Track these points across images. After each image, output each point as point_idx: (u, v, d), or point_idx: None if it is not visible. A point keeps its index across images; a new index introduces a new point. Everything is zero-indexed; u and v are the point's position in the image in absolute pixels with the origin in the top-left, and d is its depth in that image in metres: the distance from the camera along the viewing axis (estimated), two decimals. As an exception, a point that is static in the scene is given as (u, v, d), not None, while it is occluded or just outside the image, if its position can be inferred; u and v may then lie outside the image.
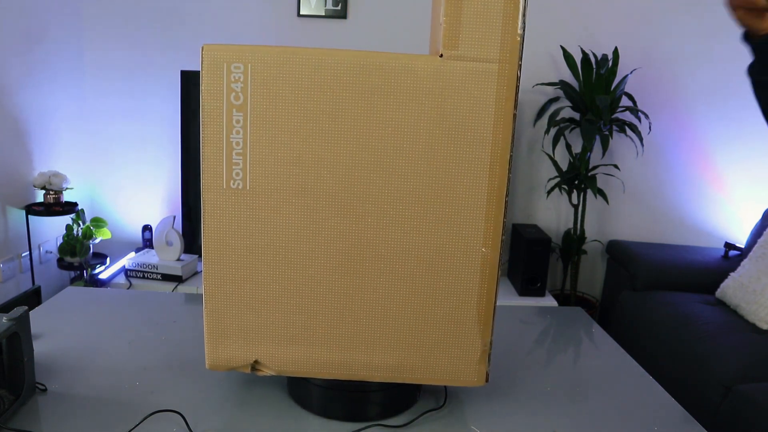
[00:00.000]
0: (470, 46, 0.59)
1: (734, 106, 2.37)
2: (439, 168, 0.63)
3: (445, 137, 0.62)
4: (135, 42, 2.27)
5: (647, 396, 0.80)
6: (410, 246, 0.65)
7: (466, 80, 0.60)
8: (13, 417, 0.67)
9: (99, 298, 1.03)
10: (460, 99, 0.60)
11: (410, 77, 0.60)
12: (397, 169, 0.63)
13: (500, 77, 0.60)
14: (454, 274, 0.66)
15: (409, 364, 0.69)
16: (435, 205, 0.64)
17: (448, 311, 0.67)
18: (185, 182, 2.20)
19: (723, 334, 1.70)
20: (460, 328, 0.67)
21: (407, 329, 0.67)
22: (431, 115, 0.61)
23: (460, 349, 0.68)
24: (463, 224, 0.64)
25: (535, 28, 2.28)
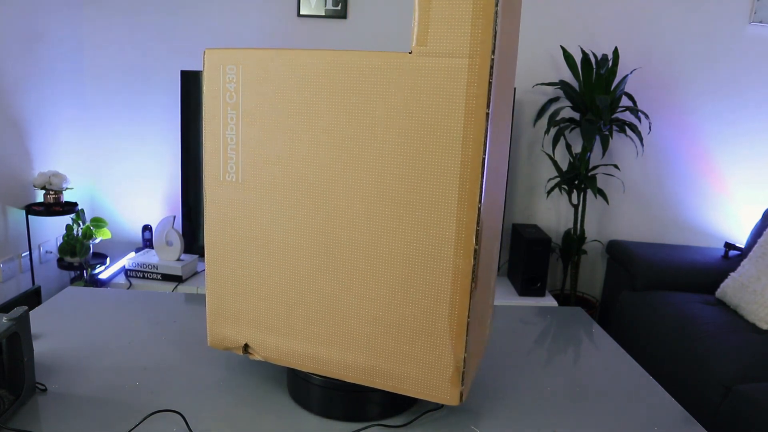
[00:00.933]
0: (439, 41, 0.57)
1: (734, 106, 2.37)
2: (410, 168, 0.61)
3: (416, 136, 0.60)
4: (135, 42, 2.27)
5: (647, 396, 0.80)
6: (384, 247, 0.63)
7: (435, 76, 0.58)
8: (13, 417, 0.67)
9: (99, 298, 1.03)
10: (429, 96, 0.58)
11: (380, 75, 0.60)
12: (371, 168, 0.62)
13: (471, 73, 0.56)
14: (424, 281, 0.63)
15: (382, 369, 0.67)
16: (407, 207, 0.62)
17: (420, 320, 0.64)
18: (185, 182, 2.20)
19: (723, 334, 1.70)
20: (431, 340, 0.64)
21: (380, 332, 0.65)
22: (401, 113, 0.60)
23: (432, 362, 0.64)
24: (434, 228, 0.61)
25: (535, 28, 2.28)
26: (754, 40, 2.31)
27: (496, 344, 0.94)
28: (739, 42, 2.31)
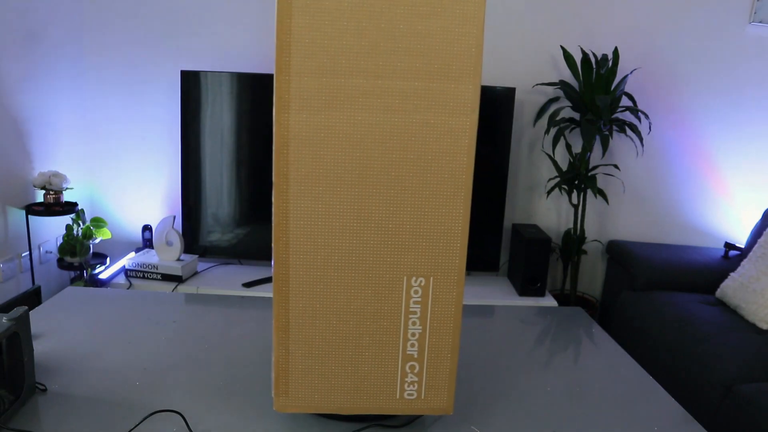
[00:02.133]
0: None
1: (734, 105, 2.37)
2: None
3: None
4: (135, 42, 2.27)
5: (647, 396, 0.80)
6: None
7: None
8: (13, 417, 0.67)
9: (99, 298, 1.03)
10: None
11: None
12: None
13: None
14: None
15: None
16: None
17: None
18: (185, 182, 2.20)
19: (723, 334, 1.70)
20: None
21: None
22: None
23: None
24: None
25: (535, 28, 2.28)
26: (754, 40, 2.31)
27: (496, 344, 0.94)
28: (739, 42, 2.31)
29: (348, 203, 0.59)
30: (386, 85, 0.56)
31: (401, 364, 0.63)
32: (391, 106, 0.57)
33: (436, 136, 0.56)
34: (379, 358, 0.63)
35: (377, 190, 0.58)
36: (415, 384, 0.63)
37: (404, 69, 0.56)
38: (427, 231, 0.59)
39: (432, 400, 0.64)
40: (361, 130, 0.57)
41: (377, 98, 0.57)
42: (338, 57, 0.56)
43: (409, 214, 0.58)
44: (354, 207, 0.59)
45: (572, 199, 2.42)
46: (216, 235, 2.23)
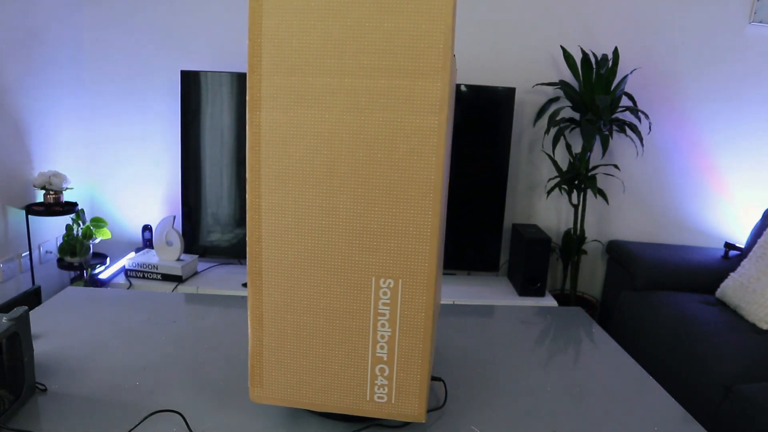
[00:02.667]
0: None
1: (734, 105, 2.37)
2: None
3: None
4: (135, 42, 2.27)
5: (647, 396, 0.80)
6: None
7: None
8: (13, 417, 0.67)
9: (99, 298, 1.03)
10: None
11: None
12: None
13: None
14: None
15: None
16: None
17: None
18: (185, 182, 2.20)
19: (723, 334, 1.70)
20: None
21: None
22: None
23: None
24: None
25: (535, 28, 2.28)
26: (754, 40, 2.31)
27: (496, 344, 0.94)
28: (739, 42, 2.31)
29: (317, 201, 0.59)
30: (353, 83, 0.56)
31: (371, 366, 0.62)
32: (358, 105, 0.56)
33: (403, 135, 0.55)
34: (350, 357, 0.62)
35: (346, 188, 0.58)
36: (385, 387, 0.62)
37: (371, 67, 0.56)
38: (396, 232, 0.57)
39: (402, 406, 0.62)
40: (329, 129, 0.57)
41: (345, 97, 0.56)
42: (306, 56, 0.57)
43: (378, 214, 0.58)
44: (323, 205, 0.59)
45: (572, 199, 2.42)
46: (216, 235, 2.23)
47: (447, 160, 0.67)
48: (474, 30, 2.28)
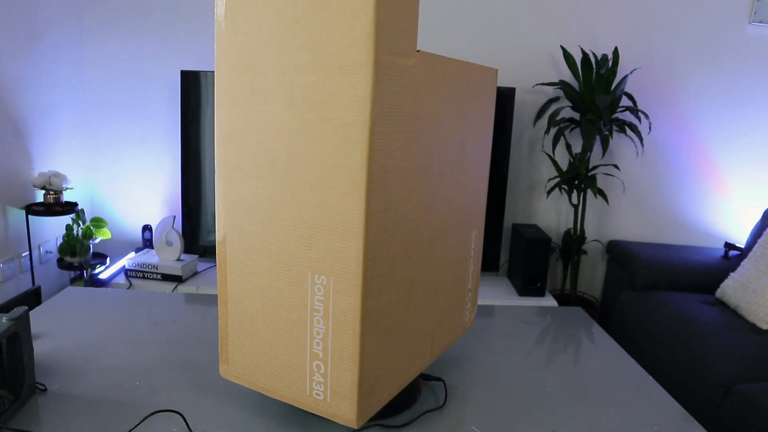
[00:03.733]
0: None
1: (734, 105, 2.37)
2: None
3: None
4: (135, 42, 2.27)
5: (647, 396, 0.80)
6: None
7: None
8: (13, 417, 0.67)
9: (99, 298, 1.03)
10: None
11: None
12: None
13: None
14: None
15: None
16: None
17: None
18: (185, 182, 2.20)
19: (723, 334, 1.70)
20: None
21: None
22: None
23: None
24: None
25: (535, 28, 2.28)
26: (754, 40, 2.31)
27: (496, 344, 0.94)
28: (739, 42, 2.31)
29: (264, 193, 0.61)
30: (291, 80, 0.58)
31: (309, 361, 0.62)
32: (295, 101, 0.58)
33: (333, 131, 0.56)
34: (292, 349, 0.63)
35: (286, 182, 0.59)
36: (322, 385, 0.62)
37: (305, 64, 0.57)
38: (328, 229, 0.58)
39: (337, 407, 0.61)
40: (272, 125, 0.59)
41: (285, 94, 0.58)
42: (256, 55, 0.59)
43: (311, 210, 0.58)
44: (269, 197, 0.61)
45: (572, 199, 2.42)
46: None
47: (433, 157, 0.66)
48: (474, 30, 2.28)
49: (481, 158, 0.80)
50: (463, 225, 0.78)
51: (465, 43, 2.28)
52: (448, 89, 0.67)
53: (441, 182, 0.69)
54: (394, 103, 0.57)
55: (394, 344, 0.64)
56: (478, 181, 0.81)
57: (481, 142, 0.79)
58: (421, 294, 0.69)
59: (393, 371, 0.65)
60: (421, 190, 0.65)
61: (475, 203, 0.81)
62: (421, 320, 0.70)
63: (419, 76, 0.60)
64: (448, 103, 0.67)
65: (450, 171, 0.71)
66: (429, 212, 0.67)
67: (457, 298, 0.80)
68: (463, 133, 0.73)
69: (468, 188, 0.78)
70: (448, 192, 0.72)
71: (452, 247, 0.76)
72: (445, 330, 0.78)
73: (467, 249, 0.81)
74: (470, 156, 0.77)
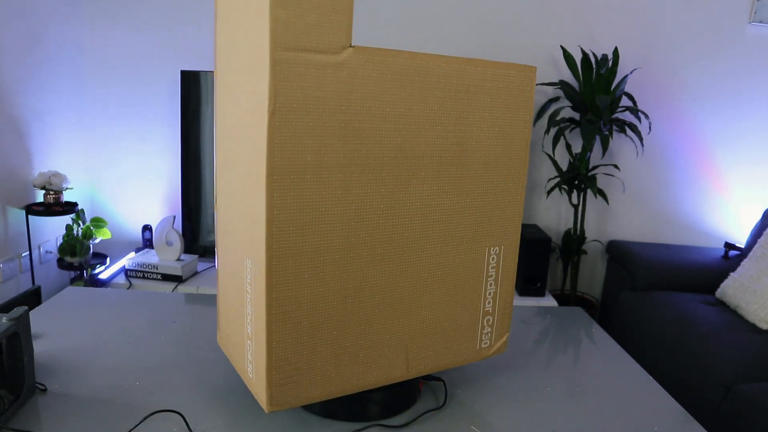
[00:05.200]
0: None
1: (734, 105, 2.37)
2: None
3: None
4: (135, 42, 2.27)
5: (647, 396, 0.80)
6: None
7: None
8: (13, 417, 0.67)
9: (99, 298, 1.03)
10: None
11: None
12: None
13: None
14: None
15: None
16: None
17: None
18: (185, 182, 2.20)
19: (723, 334, 1.70)
20: None
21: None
22: None
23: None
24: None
25: (535, 28, 2.28)
26: (754, 40, 2.31)
27: (496, 344, 0.94)
28: (739, 42, 2.31)
29: (232, 180, 0.67)
30: (238, 81, 0.63)
31: (245, 340, 0.66)
32: (240, 102, 0.63)
33: (255, 126, 0.60)
34: (238, 326, 0.69)
35: (239, 173, 0.65)
36: (252, 364, 0.65)
37: (242, 66, 0.61)
38: (251, 218, 0.62)
39: (257, 387, 0.64)
40: (233, 122, 0.65)
41: (238, 94, 0.63)
42: (229, 56, 0.65)
43: (249, 201, 0.63)
44: (234, 184, 0.67)
45: (572, 199, 2.42)
46: (216, 235, 2.23)
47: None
48: (474, 30, 2.28)
49: (500, 164, 0.72)
50: (469, 237, 0.72)
51: (465, 43, 2.28)
52: (416, 85, 0.63)
53: (406, 185, 0.65)
54: (312, 99, 0.58)
55: (324, 342, 0.63)
56: (498, 190, 0.73)
57: (497, 145, 0.71)
58: (375, 299, 0.66)
59: (326, 370, 0.64)
60: (365, 189, 0.62)
61: (495, 213, 0.73)
62: (379, 328, 0.67)
63: (353, 72, 0.59)
64: (416, 99, 0.63)
65: (430, 175, 0.66)
66: (383, 214, 0.64)
67: (459, 318, 0.73)
68: (457, 132, 0.67)
69: (472, 195, 0.71)
70: (425, 197, 0.67)
71: (443, 259, 0.70)
72: (436, 348, 0.72)
73: (479, 265, 0.73)
74: (475, 161, 0.70)
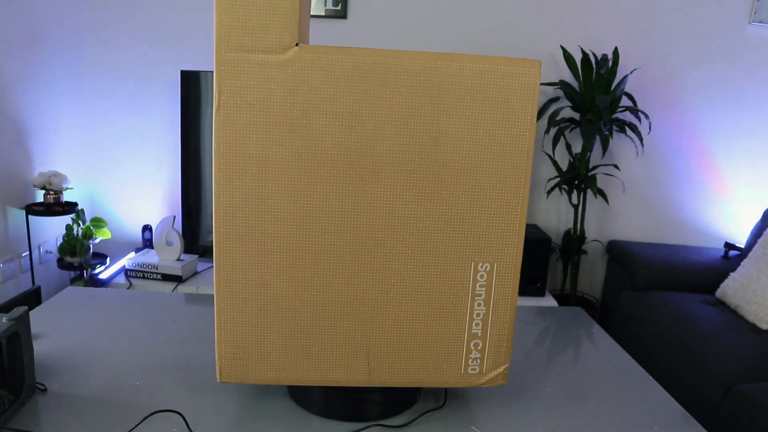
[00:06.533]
0: None
1: (734, 105, 2.37)
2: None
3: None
4: (135, 42, 2.27)
5: (647, 396, 0.80)
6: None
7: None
8: (13, 417, 0.67)
9: (99, 298, 1.03)
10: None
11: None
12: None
13: None
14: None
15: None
16: None
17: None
18: (185, 182, 2.20)
19: (723, 334, 1.70)
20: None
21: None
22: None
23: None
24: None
25: (535, 28, 2.28)
26: (754, 40, 2.31)
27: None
28: (739, 42, 2.31)
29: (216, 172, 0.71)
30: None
31: (217, 332, 0.69)
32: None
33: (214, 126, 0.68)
34: None
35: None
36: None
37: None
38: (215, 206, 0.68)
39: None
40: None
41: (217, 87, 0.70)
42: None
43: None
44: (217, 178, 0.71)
45: (572, 199, 2.42)
46: (216, 235, 2.23)
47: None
48: (474, 30, 2.28)
49: (489, 171, 0.65)
50: (448, 249, 0.65)
51: (465, 42, 2.28)
52: (372, 82, 0.61)
53: (364, 186, 0.63)
54: (255, 96, 0.61)
55: (274, 328, 0.66)
56: (487, 200, 0.65)
57: (484, 150, 0.64)
58: (331, 297, 0.65)
59: (277, 356, 0.67)
60: (317, 186, 0.63)
61: (484, 226, 0.66)
62: (336, 328, 0.66)
63: (298, 70, 0.60)
64: (372, 96, 0.62)
65: (393, 178, 0.63)
66: (340, 213, 0.63)
67: (435, 336, 0.68)
68: (426, 133, 0.63)
69: (451, 204, 0.64)
70: (389, 201, 0.63)
71: (414, 269, 0.65)
72: (406, 362, 0.68)
73: (461, 282, 0.66)
74: (454, 166, 0.64)
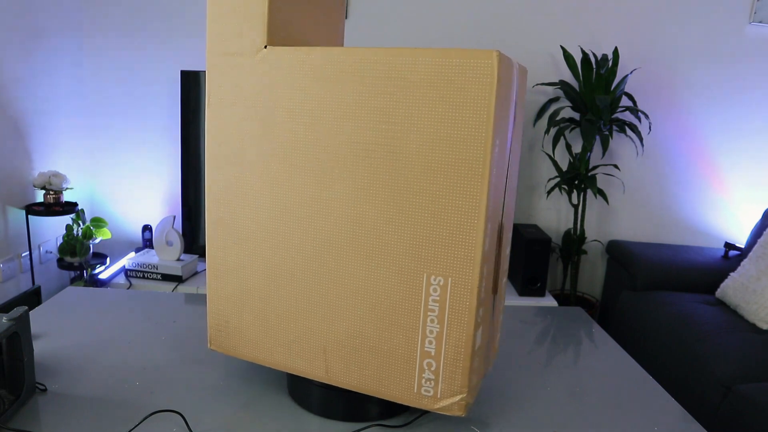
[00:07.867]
0: None
1: (734, 105, 2.37)
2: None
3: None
4: (135, 42, 2.27)
5: (647, 396, 0.80)
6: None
7: None
8: (13, 417, 0.67)
9: (99, 298, 1.03)
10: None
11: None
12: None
13: None
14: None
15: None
16: None
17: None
18: (185, 182, 2.20)
19: (723, 334, 1.70)
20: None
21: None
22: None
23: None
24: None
25: (535, 28, 2.28)
26: (754, 40, 2.31)
27: (496, 344, 0.94)
28: (739, 42, 2.31)
29: None
30: None
31: (207, 305, 0.74)
32: None
33: None
34: None
35: None
36: None
37: None
38: None
39: None
40: None
41: None
42: None
43: None
44: None
45: (572, 199, 2.42)
46: (216, 235, 2.23)
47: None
48: (474, 30, 2.28)
49: (444, 175, 0.58)
50: (399, 256, 0.61)
51: (465, 42, 2.28)
52: (330, 79, 0.60)
53: (323, 183, 0.63)
54: (234, 95, 0.66)
55: (250, 309, 0.71)
56: (442, 207, 0.58)
57: (440, 151, 0.57)
58: (296, 290, 0.67)
59: (254, 335, 0.72)
60: (287, 181, 0.64)
61: (436, 236, 0.59)
62: (298, 320, 0.67)
63: (267, 70, 0.64)
64: (330, 94, 0.61)
65: (344, 176, 0.62)
66: (307, 209, 0.64)
67: (384, 345, 0.64)
68: (379, 131, 0.59)
69: (403, 208, 0.60)
70: (343, 200, 0.62)
71: (365, 273, 0.63)
72: (360, 366, 0.66)
73: (412, 293, 0.61)
74: (408, 167, 0.59)
